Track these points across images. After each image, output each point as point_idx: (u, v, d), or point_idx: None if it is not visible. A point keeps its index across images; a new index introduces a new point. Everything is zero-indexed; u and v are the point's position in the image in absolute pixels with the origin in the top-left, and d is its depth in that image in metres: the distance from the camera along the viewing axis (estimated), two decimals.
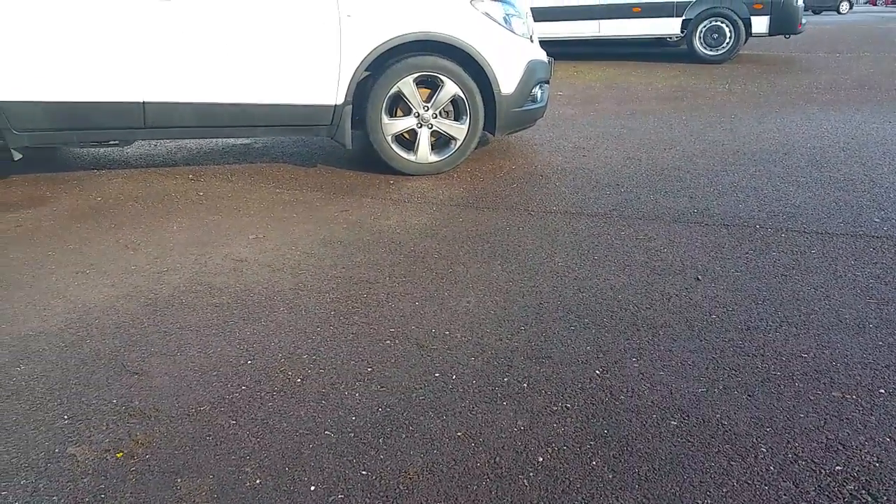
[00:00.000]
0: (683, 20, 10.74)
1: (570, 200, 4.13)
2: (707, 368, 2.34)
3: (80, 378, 2.35)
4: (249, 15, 4.31)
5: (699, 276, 3.05)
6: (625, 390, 2.23)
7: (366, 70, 4.48)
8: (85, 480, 1.88)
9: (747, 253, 3.30)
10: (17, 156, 4.36)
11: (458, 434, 2.04)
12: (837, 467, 1.87)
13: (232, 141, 5.81)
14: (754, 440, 1.98)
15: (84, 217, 3.98)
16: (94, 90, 4.21)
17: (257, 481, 1.86)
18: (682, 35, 11.00)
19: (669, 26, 10.92)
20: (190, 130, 4.59)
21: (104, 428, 2.09)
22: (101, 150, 5.55)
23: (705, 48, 10.78)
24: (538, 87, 4.90)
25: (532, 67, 4.78)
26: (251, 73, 4.38)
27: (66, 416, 2.15)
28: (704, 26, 10.70)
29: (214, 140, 5.82)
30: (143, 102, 4.28)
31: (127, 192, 4.45)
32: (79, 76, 4.17)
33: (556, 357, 2.43)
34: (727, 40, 10.65)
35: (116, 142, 4.67)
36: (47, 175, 4.86)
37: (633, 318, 2.69)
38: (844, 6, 32.55)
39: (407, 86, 4.53)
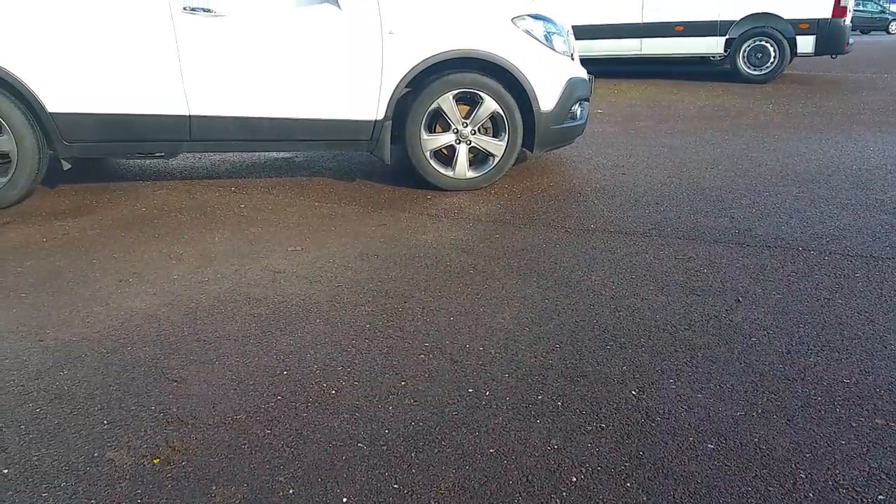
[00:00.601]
0: (727, 39, 10.60)
1: (608, 218, 4.10)
2: (746, 392, 2.30)
3: (120, 384, 2.40)
4: (294, 31, 4.38)
5: (740, 298, 3.00)
6: (661, 411, 2.20)
7: (406, 86, 4.52)
8: (122, 485, 1.91)
9: (789, 275, 3.24)
10: (67, 165, 4.51)
11: (491, 451, 2.03)
12: (880, 496, 1.81)
13: (273, 155, 5.91)
14: (793, 466, 1.93)
15: (128, 227, 4.07)
16: (142, 103, 4.32)
17: (290, 491, 1.88)
18: (726, 54, 10.86)
19: (713, 45, 10.79)
20: (234, 144, 4.68)
21: (142, 434, 2.13)
22: (147, 161, 5.68)
23: (749, 68, 10.62)
24: (578, 104, 4.89)
25: (572, 85, 4.77)
26: (295, 88, 4.45)
27: (105, 421, 2.20)
28: (748, 46, 10.54)
29: (256, 154, 5.92)
30: (189, 116, 4.38)
31: (171, 202, 4.55)
32: (127, 89, 4.29)
33: (591, 376, 2.41)
34: (771, 60, 10.48)
35: (162, 154, 4.78)
36: (94, 185, 4.99)
37: (672, 339, 2.65)
38: (894, 26, 31.91)
39: (446, 102, 4.56)
